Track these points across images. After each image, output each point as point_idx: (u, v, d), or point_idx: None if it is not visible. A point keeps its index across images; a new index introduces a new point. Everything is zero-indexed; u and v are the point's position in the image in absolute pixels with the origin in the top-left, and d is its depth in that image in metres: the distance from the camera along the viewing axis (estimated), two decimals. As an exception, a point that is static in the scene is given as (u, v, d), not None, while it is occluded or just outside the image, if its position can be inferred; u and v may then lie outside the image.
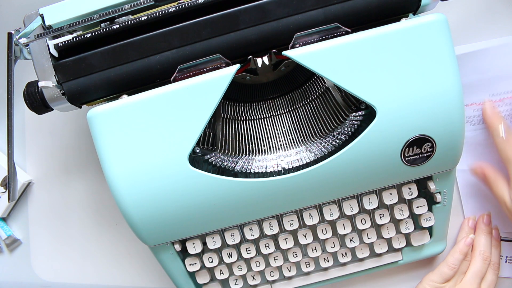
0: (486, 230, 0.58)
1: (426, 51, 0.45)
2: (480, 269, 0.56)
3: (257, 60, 0.49)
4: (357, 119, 0.50)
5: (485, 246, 0.57)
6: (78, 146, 0.65)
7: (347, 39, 0.45)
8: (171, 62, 0.48)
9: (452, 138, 0.47)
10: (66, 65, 0.49)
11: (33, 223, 0.66)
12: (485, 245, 0.57)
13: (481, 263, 0.56)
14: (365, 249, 0.55)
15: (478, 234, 0.58)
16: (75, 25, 0.48)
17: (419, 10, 0.49)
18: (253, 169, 0.49)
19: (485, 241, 0.57)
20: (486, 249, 0.57)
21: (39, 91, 0.50)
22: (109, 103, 0.46)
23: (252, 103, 0.56)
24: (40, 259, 0.66)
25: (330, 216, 0.52)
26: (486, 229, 0.58)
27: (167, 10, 0.48)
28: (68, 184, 0.66)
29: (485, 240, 0.57)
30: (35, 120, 0.65)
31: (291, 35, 0.46)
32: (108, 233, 0.65)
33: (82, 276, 0.66)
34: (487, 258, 0.56)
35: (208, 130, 0.52)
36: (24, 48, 0.50)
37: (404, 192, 0.52)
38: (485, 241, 0.57)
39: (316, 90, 0.54)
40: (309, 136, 0.52)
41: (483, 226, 0.58)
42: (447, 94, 0.45)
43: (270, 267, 0.55)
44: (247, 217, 0.50)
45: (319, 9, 0.47)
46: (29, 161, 0.66)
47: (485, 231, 0.58)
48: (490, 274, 0.56)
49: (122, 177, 0.46)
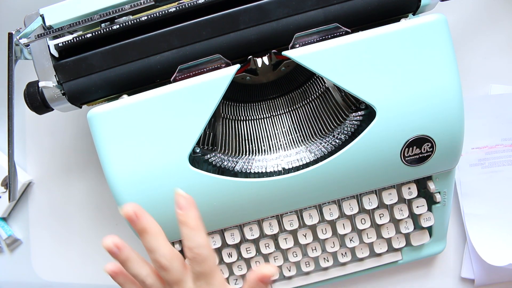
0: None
1: (426, 52, 0.45)
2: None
3: (257, 60, 0.49)
4: (357, 119, 0.50)
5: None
6: (78, 146, 0.65)
7: (347, 39, 0.45)
8: (171, 62, 0.48)
9: (452, 138, 0.47)
10: (66, 65, 0.49)
11: (34, 223, 0.66)
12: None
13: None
14: (365, 249, 0.55)
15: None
16: (75, 25, 0.48)
17: (419, 11, 0.49)
18: (253, 169, 0.49)
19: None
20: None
21: (40, 91, 0.50)
22: (109, 103, 0.46)
23: (252, 103, 0.56)
24: (41, 259, 0.66)
25: (330, 216, 0.52)
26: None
27: (167, 10, 0.48)
28: (68, 184, 0.66)
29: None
30: (36, 120, 0.65)
31: (291, 35, 0.46)
32: (108, 233, 0.64)
33: (82, 276, 0.66)
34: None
35: (208, 130, 0.52)
36: (25, 48, 0.50)
37: (404, 192, 0.52)
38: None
39: (316, 90, 0.54)
40: (309, 136, 0.53)
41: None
42: (447, 94, 0.45)
43: (270, 267, 0.55)
44: (247, 217, 0.50)
45: (319, 9, 0.47)
46: (29, 161, 0.66)
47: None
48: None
49: (122, 177, 0.46)
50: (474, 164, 0.60)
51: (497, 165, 0.60)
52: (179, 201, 0.39)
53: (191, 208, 0.39)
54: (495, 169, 0.60)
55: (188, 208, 0.39)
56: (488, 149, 0.60)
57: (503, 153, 0.60)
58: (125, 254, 0.42)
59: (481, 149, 0.60)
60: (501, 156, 0.60)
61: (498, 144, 0.60)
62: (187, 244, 0.39)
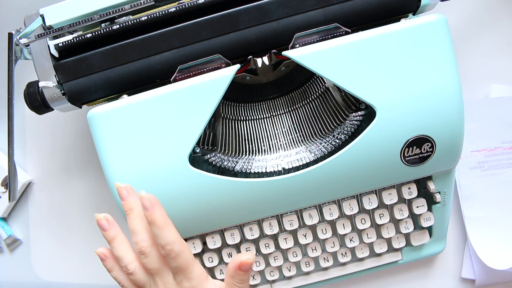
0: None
1: (426, 52, 0.45)
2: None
3: (257, 60, 0.49)
4: (357, 119, 0.50)
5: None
6: (78, 146, 0.65)
7: (347, 39, 0.45)
8: (171, 62, 0.48)
9: (452, 138, 0.47)
10: (66, 65, 0.49)
11: (34, 223, 0.66)
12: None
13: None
14: (365, 249, 0.55)
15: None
16: (75, 25, 0.48)
17: (419, 11, 0.49)
18: (253, 169, 0.49)
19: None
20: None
21: (40, 91, 0.50)
22: (109, 103, 0.46)
23: (252, 103, 0.56)
24: (41, 259, 0.66)
25: (330, 216, 0.52)
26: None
27: (167, 10, 0.48)
28: (68, 184, 0.66)
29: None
30: (36, 120, 0.65)
31: (291, 35, 0.46)
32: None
33: (82, 276, 0.66)
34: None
35: (208, 130, 0.52)
36: (25, 48, 0.50)
37: (404, 192, 0.52)
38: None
39: (316, 90, 0.54)
40: (309, 136, 0.53)
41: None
42: (447, 94, 0.45)
43: (270, 267, 0.55)
44: (247, 217, 0.50)
45: (319, 9, 0.47)
46: (29, 161, 0.66)
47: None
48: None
49: (122, 177, 0.46)
50: (473, 167, 0.60)
51: (496, 167, 0.60)
52: (144, 203, 0.40)
53: (156, 207, 0.40)
54: (495, 172, 0.60)
55: (153, 208, 0.39)
56: (487, 152, 0.60)
57: (503, 155, 0.60)
58: (114, 232, 0.43)
59: (480, 152, 0.60)
60: (500, 159, 0.60)
61: (497, 147, 0.60)
62: (158, 243, 0.40)
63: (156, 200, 0.40)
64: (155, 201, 0.40)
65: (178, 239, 0.41)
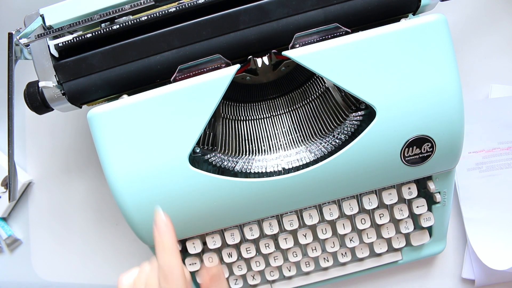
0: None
1: (426, 52, 0.45)
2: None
3: (257, 60, 0.49)
4: (357, 119, 0.50)
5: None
6: (78, 146, 0.65)
7: (347, 40, 0.45)
8: (171, 62, 0.48)
9: (452, 138, 0.47)
10: (66, 65, 0.49)
11: (34, 223, 0.66)
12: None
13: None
14: (365, 249, 0.55)
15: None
16: (75, 25, 0.48)
17: (419, 11, 0.49)
18: (253, 169, 0.49)
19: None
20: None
21: (40, 91, 0.50)
22: (110, 103, 0.46)
23: (252, 103, 0.56)
24: (41, 259, 0.66)
25: (330, 216, 0.52)
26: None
27: (167, 10, 0.48)
28: (68, 184, 0.66)
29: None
30: (36, 120, 0.65)
31: (291, 35, 0.46)
32: (108, 233, 0.65)
33: (82, 276, 0.66)
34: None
35: (208, 130, 0.52)
36: (25, 48, 0.50)
37: (404, 192, 0.52)
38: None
39: (316, 90, 0.54)
40: (309, 136, 0.53)
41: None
42: (447, 94, 0.45)
43: (270, 267, 0.55)
44: (247, 217, 0.50)
45: (319, 9, 0.47)
46: (29, 161, 0.66)
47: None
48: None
49: (122, 177, 0.46)
50: (471, 168, 0.60)
51: (494, 168, 0.60)
52: (159, 224, 0.39)
53: (169, 232, 0.39)
54: (493, 173, 0.60)
55: (166, 233, 0.39)
56: (485, 153, 0.60)
57: (500, 156, 0.60)
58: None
59: (478, 153, 0.60)
60: (498, 160, 0.60)
61: (495, 147, 0.60)
62: (159, 262, 0.39)
63: (171, 226, 0.39)
64: (170, 226, 0.39)
65: (180, 268, 0.39)
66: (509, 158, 0.60)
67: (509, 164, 0.60)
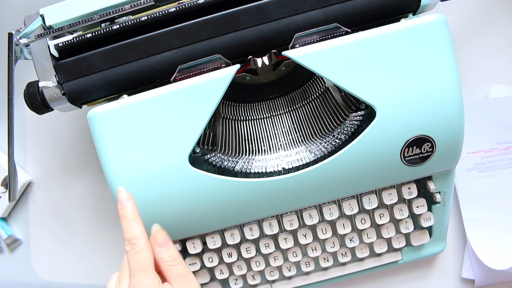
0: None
1: (426, 52, 0.45)
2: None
3: (257, 60, 0.49)
4: (357, 119, 0.50)
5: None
6: (78, 146, 0.65)
7: (347, 39, 0.45)
8: (171, 62, 0.48)
9: (452, 138, 0.47)
10: (66, 65, 0.49)
11: (34, 223, 0.66)
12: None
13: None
14: (365, 249, 0.55)
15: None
16: (75, 25, 0.48)
17: (419, 11, 0.49)
18: (253, 169, 0.49)
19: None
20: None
21: (40, 91, 0.50)
22: (110, 103, 0.46)
23: (252, 103, 0.56)
24: (41, 259, 0.66)
25: (330, 216, 0.52)
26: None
27: (167, 10, 0.48)
28: (68, 184, 0.66)
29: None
30: (36, 120, 0.65)
31: (291, 35, 0.46)
32: (108, 233, 0.65)
33: (82, 276, 0.66)
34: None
35: (208, 130, 0.52)
36: (25, 48, 0.50)
37: (404, 192, 0.52)
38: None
39: (316, 90, 0.54)
40: (309, 136, 0.53)
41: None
42: (447, 94, 0.45)
43: (270, 267, 0.55)
44: (247, 217, 0.50)
45: (319, 9, 0.47)
46: (29, 161, 0.66)
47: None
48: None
49: (122, 177, 0.46)
50: (470, 169, 0.60)
51: (493, 169, 0.60)
52: (120, 197, 0.43)
53: (129, 201, 0.43)
54: (492, 173, 0.60)
55: (126, 202, 0.42)
56: (483, 154, 0.60)
57: (499, 156, 0.60)
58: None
59: (476, 153, 0.60)
60: (496, 160, 0.60)
61: (493, 148, 0.60)
62: (125, 236, 0.42)
63: (131, 196, 0.43)
64: (130, 196, 0.43)
65: (145, 237, 0.42)
66: (508, 158, 0.60)
67: (507, 165, 0.60)
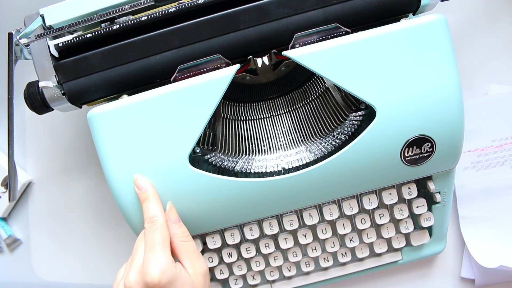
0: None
1: (426, 52, 0.45)
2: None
3: (257, 60, 0.49)
4: (357, 119, 0.50)
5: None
6: (78, 146, 0.65)
7: (347, 39, 0.45)
8: (171, 62, 0.48)
9: (452, 138, 0.47)
10: (66, 65, 0.49)
11: (34, 223, 0.66)
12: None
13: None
14: (365, 249, 0.55)
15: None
16: (75, 25, 0.48)
17: (419, 11, 0.49)
18: (253, 169, 0.49)
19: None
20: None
21: (40, 91, 0.50)
22: (110, 103, 0.46)
23: (252, 103, 0.56)
24: (41, 259, 0.66)
25: (330, 216, 0.52)
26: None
27: (167, 10, 0.48)
28: (68, 184, 0.66)
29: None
30: (36, 120, 0.65)
31: (291, 35, 0.46)
32: (108, 233, 0.65)
33: (82, 276, 0.66)
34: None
35: (208, 130, 0.52)
36: (25, 48, 0.50)
37: (404, 192, 0.52)
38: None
39: (316, 90, 0.54)
40: (309, 136, 0.53)
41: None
42: (447, 94, 0.45)
43: (270, 267, 0.55)
44: (247, 217, 0.50)
45: (319, 9, 0.47)
46: (29, 161, 0.66)
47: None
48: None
49: (122, 177, 0.46)
50: (467, 168, 0.60)
51: (489, 167, 0.60)
52: (139, 183, 0.45)
53: (149, 185, 0.45)
54: (488, 171, 0.60)
55: (146, 186, 0.45)
56: (479, 152, 0.60)
57: (494, 154, 0.60)
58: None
59: (473, 152, 0.60)
60: (492, 158, 0.60)
61: (488, 146, 0.60)
62: (145, 215, 0.45)
63: (150, 182, 0.46)
64: (148, 182, 0.46)
65: (164, 217, 0.45)
66: (503, 156, 0.60)
67: (503, 162, 0.60)
